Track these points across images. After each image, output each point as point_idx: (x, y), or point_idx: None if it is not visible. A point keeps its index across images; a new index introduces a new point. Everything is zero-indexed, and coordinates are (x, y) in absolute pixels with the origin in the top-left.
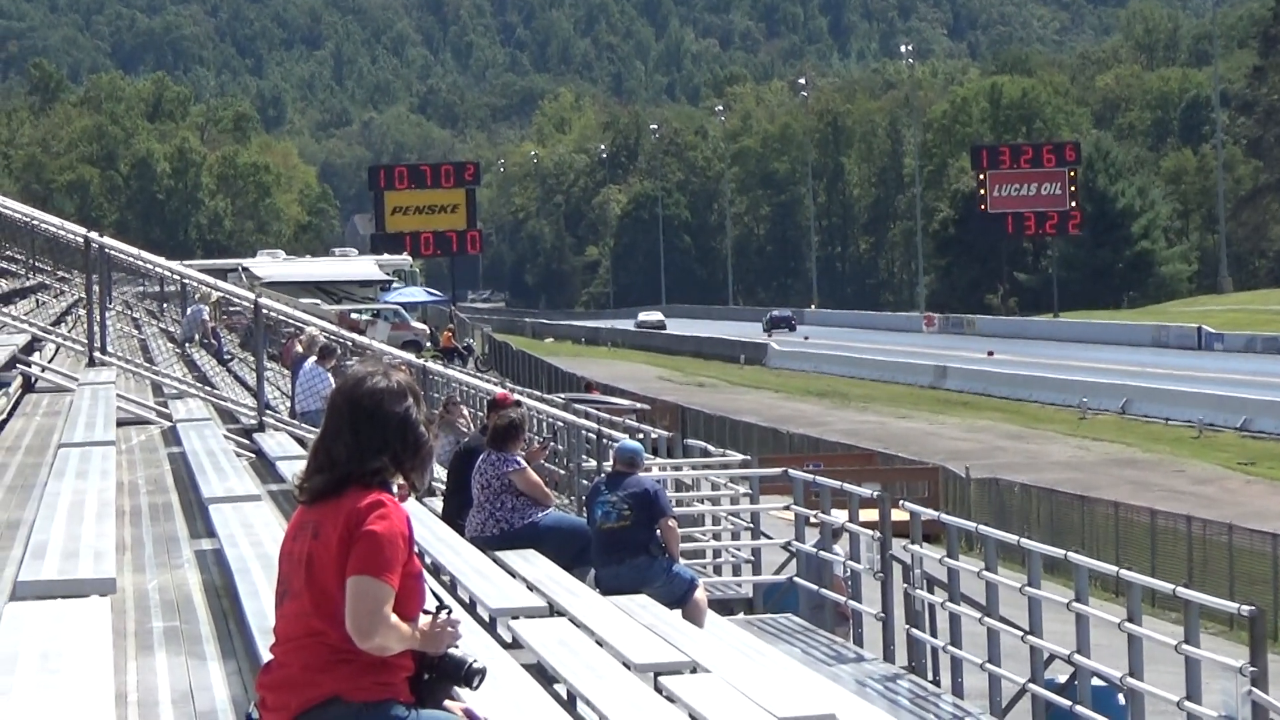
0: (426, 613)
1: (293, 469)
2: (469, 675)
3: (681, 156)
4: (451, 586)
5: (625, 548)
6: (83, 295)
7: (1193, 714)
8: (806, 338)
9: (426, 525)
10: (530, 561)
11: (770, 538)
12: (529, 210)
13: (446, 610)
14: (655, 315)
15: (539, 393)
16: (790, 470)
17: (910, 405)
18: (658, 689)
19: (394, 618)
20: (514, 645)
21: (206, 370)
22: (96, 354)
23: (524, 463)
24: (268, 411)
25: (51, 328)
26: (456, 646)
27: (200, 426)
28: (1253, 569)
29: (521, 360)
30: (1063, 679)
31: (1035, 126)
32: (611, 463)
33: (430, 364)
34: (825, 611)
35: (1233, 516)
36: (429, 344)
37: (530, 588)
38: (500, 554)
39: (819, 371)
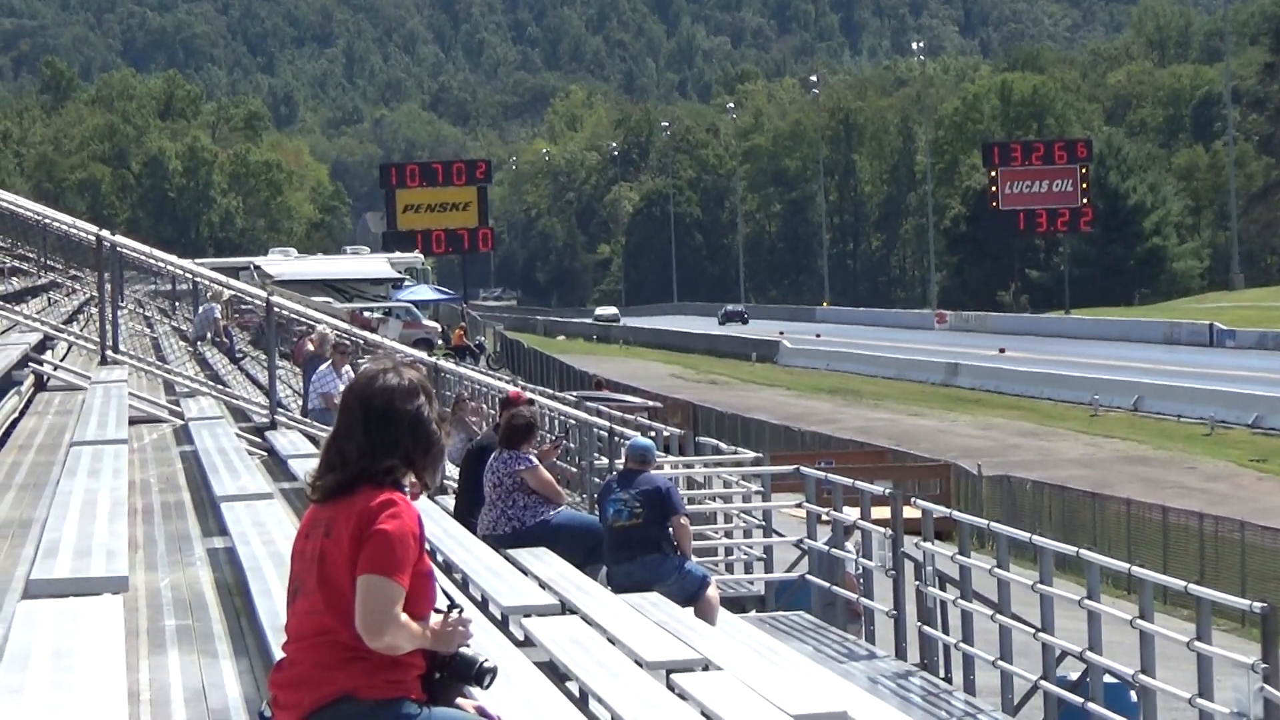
0: (438, 611)
1: (304, 467)
2: (480, 674)
3: (693, 154)
4: (464, 585)
5: (637, 545)
6: (94, 294)
7: (1205, 711)
8: (819, 335)
9: (438, 523)
10: (542, 559)
11: (782, 535)
12: (540, 208)
13: (458, 609)
14: (611, 310)
15: (551, 390)
16: (802, 468)
17: (922, 402)
18: (670, 687)
19: (404, 617)
20: (526, 643)
21: (218, 368)
22: (108, 352)
23: (536, 461)
24: (280, 409)
25: (63, 326)
26: (468, 645)
27: (212, 425)
28: (1265, 566)
29: (533, 358)
30: (1075, 676)
31: (1046, 123)
32: (623, 460)
33: (442, 362)
34: (837, 609)
35: (1244, 513)
36: (441, 342)
37: (542, 586)
38: (512, 552)
39: (831, 369)
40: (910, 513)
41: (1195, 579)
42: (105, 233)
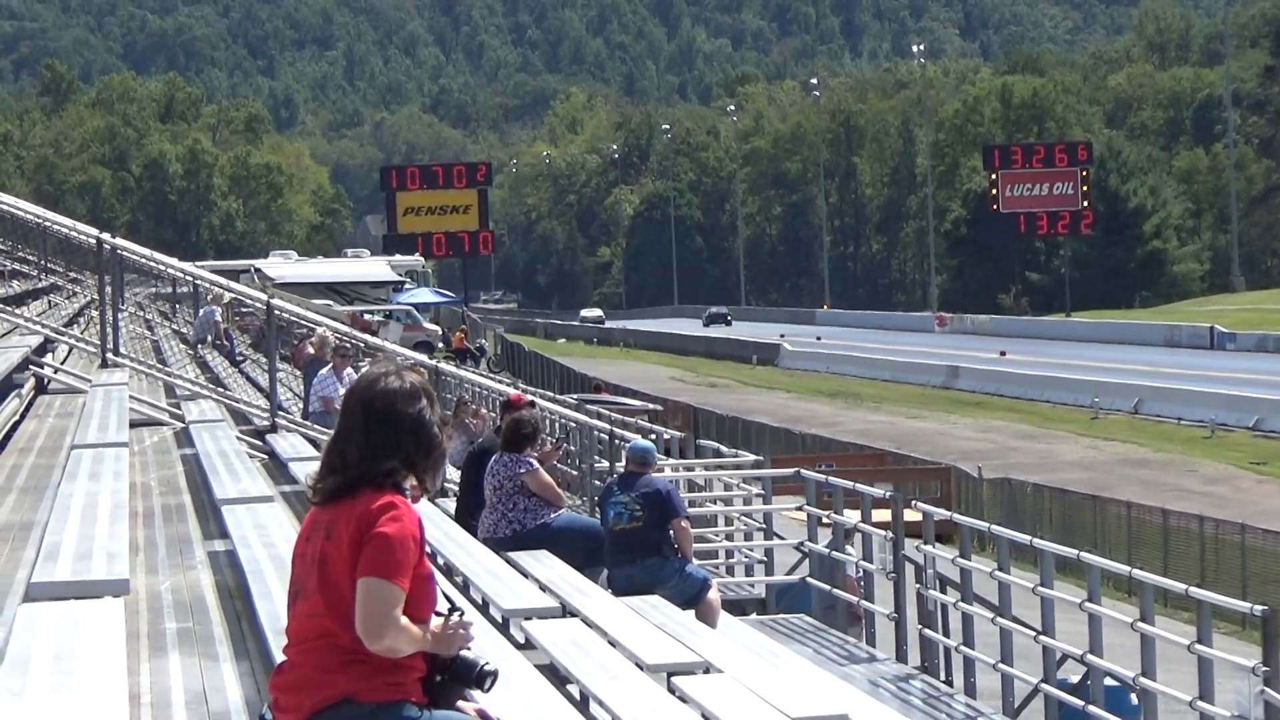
0: (438, 614)
1: (305, 470)
2: (481, 677)
3: (693, 157)
4: (464, 588)
5: (638, 548)
6: (95, 297)
7: (1205, 714)
8: (819, 338)
9: (439, 526)
10: (543, 562)
11: (783, 538)
12: (541, 211)
13: (459, 612)
14: (596, 312)
15: (551, 393)
16: (803, 471)
17: (922, 405)
18: (670, 689)
19: (404, 620)
20: (527, 646)
21: (219, 371)
22: (109, 355)
23: (536, 464)
24: (280, 412)
25: (64, 329)
26: (468, 648)
27: (213, 428)
28: (1265, 568)
29: (534, 361)
30: (1075, 679)
31: (1047, 126)
32: (624, 463)
33: (443, 365)
34: (838, 612)
35: (1245, 516)
36: (441, 345)
37: (543, 588)
38: (513, 555)
39: (831, 372)
40: (911, 515)
41: (1196, 582)
42: (105, 235)
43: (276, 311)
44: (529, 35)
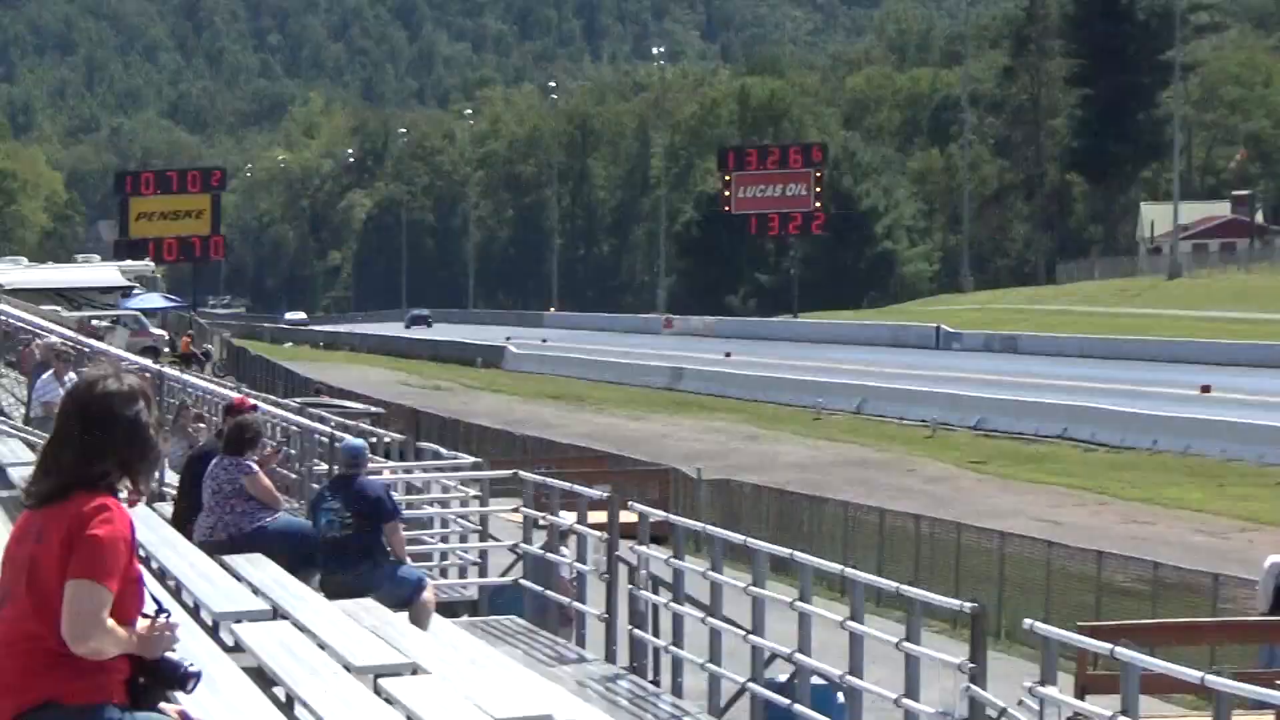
0: (145, 616)
1: (23, 475)
2: (184, 678)
3: (428, 160)
4: (176, 591)
5: (349, 556)
6: None
7: (910, 710)
8: (545, 340)
9: (152, 529)
10: (257, 565)
11: (498, 540)
12: (273, 215)
13: (165, 614)
14: (300, 314)
15: (274, 397)
16: (520, 472)
17: (646, 407)
18: (377, 691)
19: (110, 622)
20: (236, 649)
21: None
22: None
23: (256, 467)
24: (0, 417)
25: None
26: (174, 650)
27: None
28: (978, 567)
29: (259, 365)
30: (784, 678)
31: (784, 128)
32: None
33: (166, 369)
34: (550, 613)
35: (963, 515)
36: (167, 350)
37: (255, 592)
38: (227, 558)
39: (556, 374)
40: (629, 517)
41: (909, 580)
42: None
43: (2, 316)
44: (270, 40)
